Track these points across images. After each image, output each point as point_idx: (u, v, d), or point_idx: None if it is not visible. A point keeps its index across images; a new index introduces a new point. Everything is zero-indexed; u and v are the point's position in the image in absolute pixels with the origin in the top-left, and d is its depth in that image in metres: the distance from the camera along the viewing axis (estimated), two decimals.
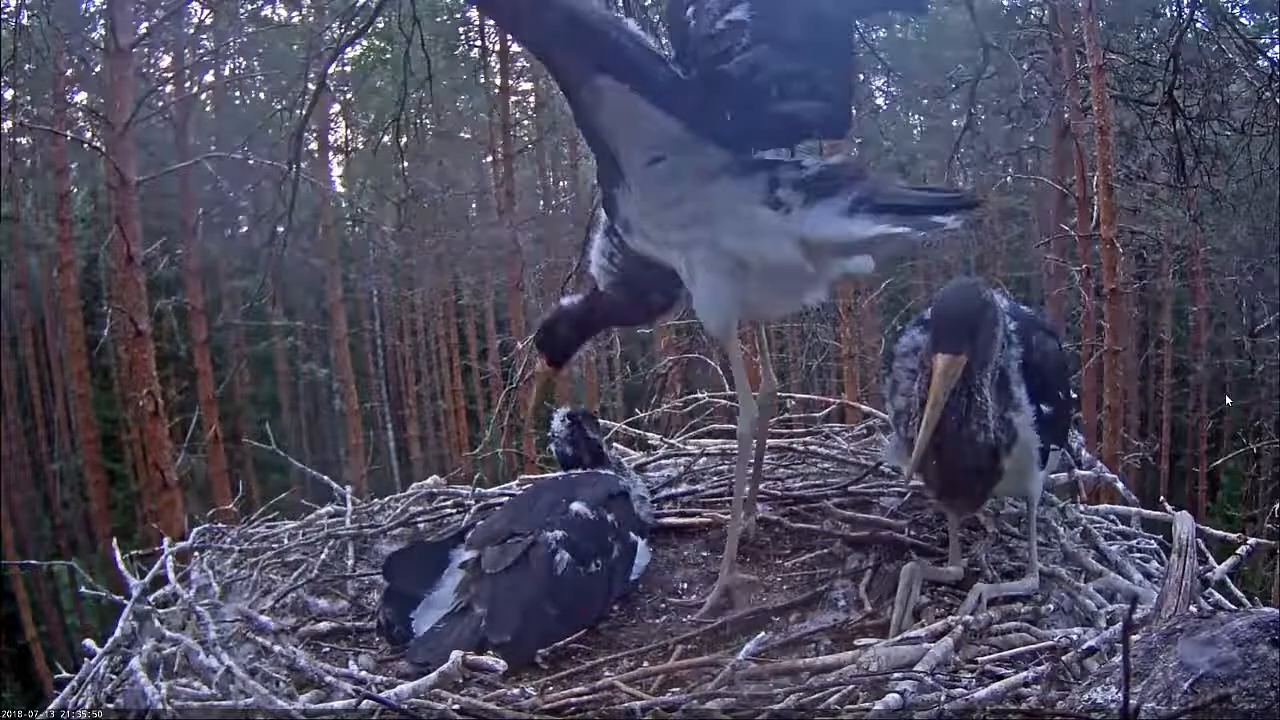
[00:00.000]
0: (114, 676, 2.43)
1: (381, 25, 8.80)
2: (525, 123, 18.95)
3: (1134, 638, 1.72)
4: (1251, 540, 2.59)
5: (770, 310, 2.71)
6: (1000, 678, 1.93)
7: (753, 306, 2.54)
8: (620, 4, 5.49)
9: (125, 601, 2.72)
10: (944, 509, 2.58)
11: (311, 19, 13.68)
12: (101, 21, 11.81)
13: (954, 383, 2.14)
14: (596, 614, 2.51)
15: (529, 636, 2.33)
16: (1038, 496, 2.49)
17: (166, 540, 3.02)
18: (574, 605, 2.44)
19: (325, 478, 3.61)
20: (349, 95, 17.27)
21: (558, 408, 3.23)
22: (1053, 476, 2.88)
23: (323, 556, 2.98)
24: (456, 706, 1.99)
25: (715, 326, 2.53)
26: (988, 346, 2.19)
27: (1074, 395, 2.67)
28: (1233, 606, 2.39)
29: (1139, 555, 2.80)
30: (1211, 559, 2.57)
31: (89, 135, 13.64)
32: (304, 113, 6.15)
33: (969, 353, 2.14)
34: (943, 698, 1.85)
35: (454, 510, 3.35)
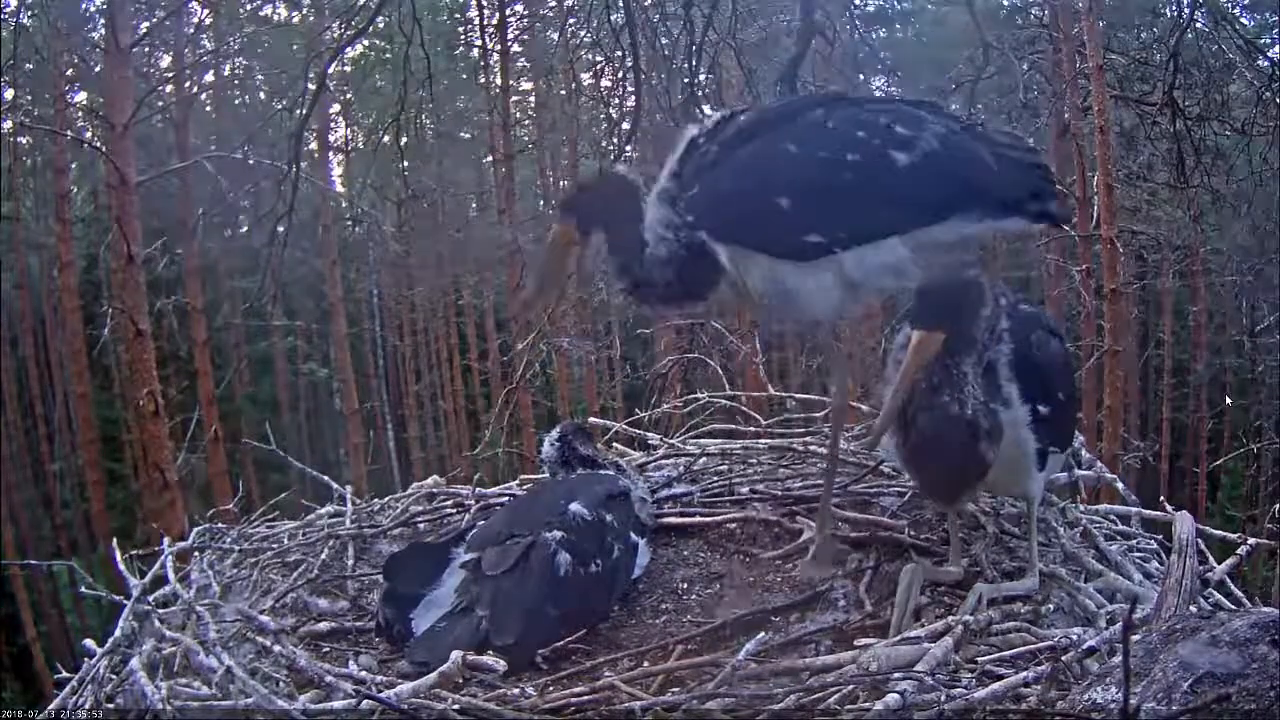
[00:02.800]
0: (114, 676, 2.43)
1: (381, 25, 8.80)
2: (525, 123, 18.95)
3: (1134, 638, 1.72)
4: (1251, 540, 2.60)
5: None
6: (1000, 678, 1.93)
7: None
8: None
9: (125, 601, 2.71)
10: (932, 502, 2.55)
11: (311, 19, 13.69)
12: (101, 21, 11.80)
13: (928, 358, 2.13)
14: (598, 615, 2.51)
15: (531, 639, 2.33)
16: (1038, 498, 2.49)
17: (166, 540, 3.01)
18: (576, 606, 2.44)
19: (325, 478, 3.60)
20: (349, 95, 17.27)
21: (557, 425, 3.15)
22: (1053, 476, 2.87)
23: (323, 556, 2.98)
24: (456, 706, 1.99)
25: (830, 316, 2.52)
26: (970, 328, 2.16)
27: (1078, 397, 2.66)
28: (1233, 606, 2.40)
29: (1139, 555, 2.80)
30: (1211, 559, 2.57)
31: (89, 135, 13.64)
32: (304, 113, 6.14)
33: (947, 330, 2.13)
34: (943, 698, 1.85)
35: (454, 510, 3.35)
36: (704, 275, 2.52)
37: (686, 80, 5.92)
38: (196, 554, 3.03)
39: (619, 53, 6.19)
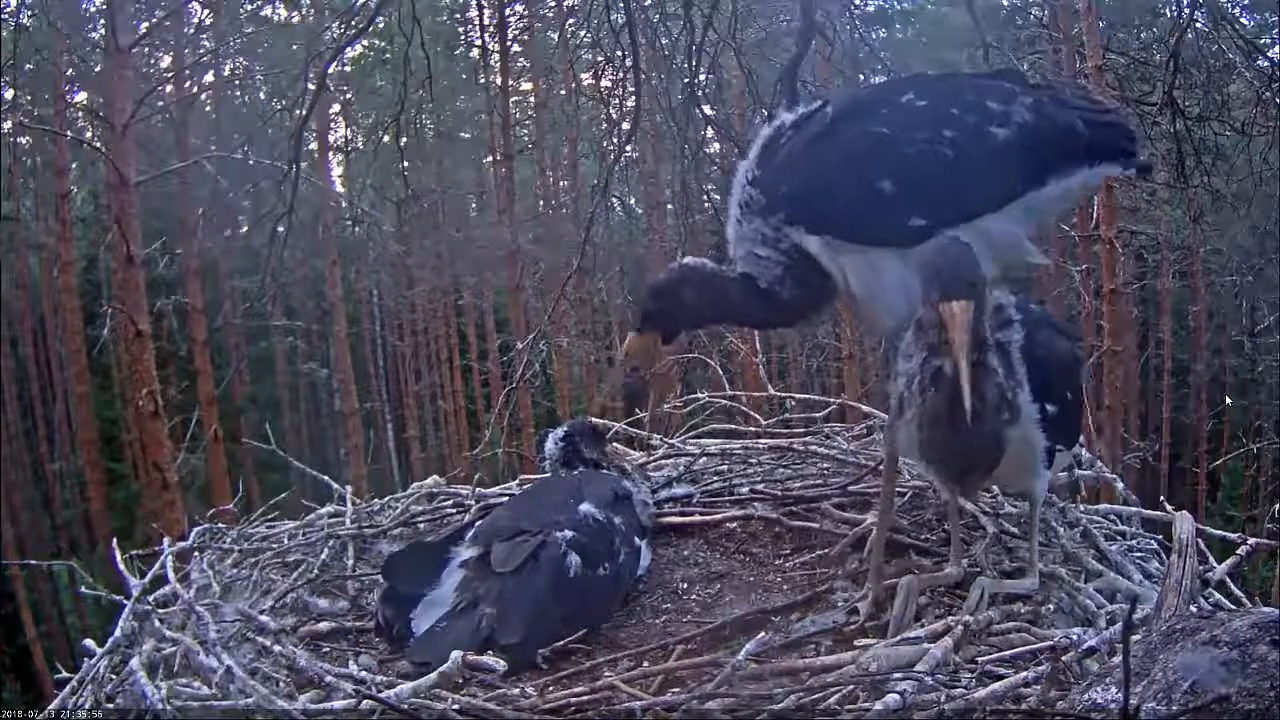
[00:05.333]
0: (114, 676, 2.42)
1: (381, 25, 8.80)
2: (525, 123, 18.96)
3: (1134, 638, 1.72)
4: (1251, 540, 2.59)
5: None
6: (1000, 678, 1.92)
7: None
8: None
9: (125, 601, 2.71)
10: (942, 481, 2.49)
11: (311, 19, 13.69)
12: (101, 21, 11.82)
13: (969, 328, 2.08)
14: (602, 617, 2.51)
15: (536, 639, 2.32)
16: (1041, 497, 2.47)
17: (166, 540, 3.01)
18: (582, 608, 2.44)
19: (325, 478, 3.60)
20: (349, 95, 17.28)
21: (567, 420, 3.12)
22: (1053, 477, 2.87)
23: (323, 556, 2.97)
24: (456, 706, 1.99)
25: (896, 322, 2.41)
26: (984, 294, 2.14)
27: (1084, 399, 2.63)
28: (1233, 606, 2.39)
29: (1139, 555, 2.80)
30: (1211, 559, 2.56)
31: (89, 135, 13.66)
32: (304, 113, 6.14)
33: (972, 297, 2.09)
34: (943, 698, 1.85)
35: (454, 510, 3.35)
36: (821, 275, 2.45)
37: (686, 80, 5.92)
38: (196, 554, 3.02)
39: (619, 53, 6.19)
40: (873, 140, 2.37)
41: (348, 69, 15.75)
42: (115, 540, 3.16)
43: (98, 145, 11.41)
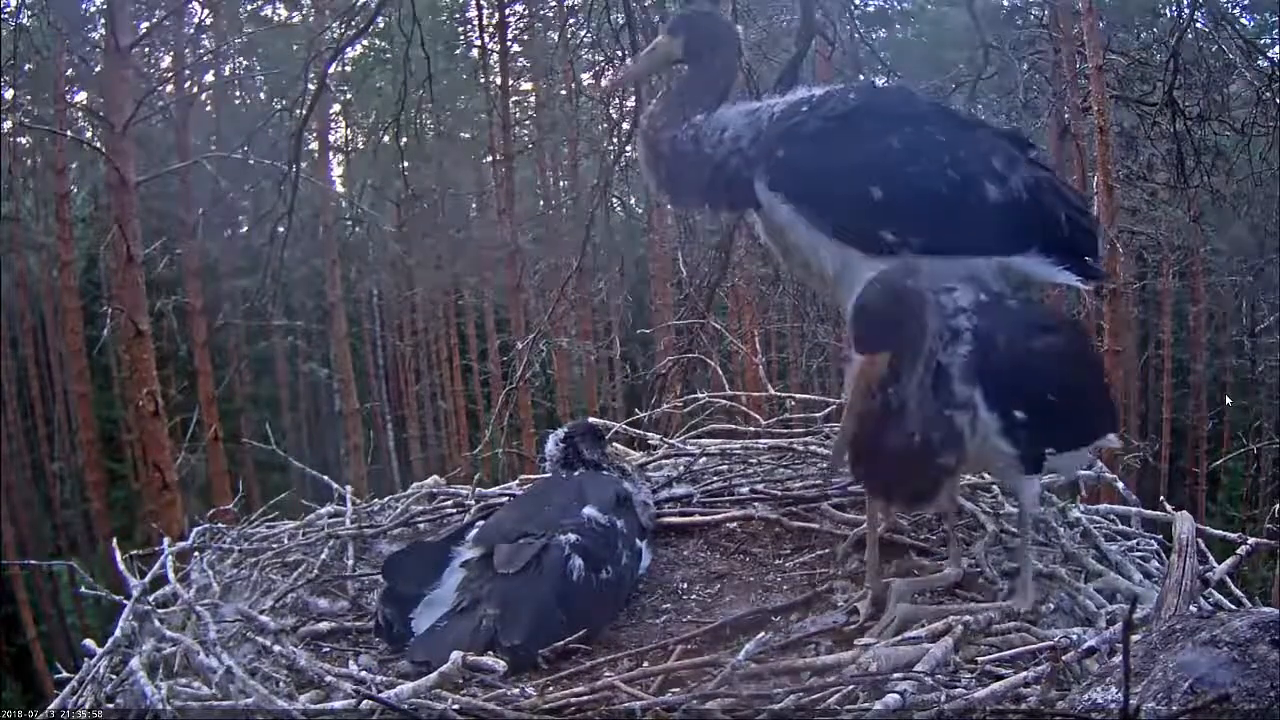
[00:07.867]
0: (114, 676, 2.42)
1: (382, 25, 8.81)
2: (525, 123, 18.96)
3: (1134, 638, 1.72)
4: (1251, 540, 2.59)
5: None
6: (1000, 678, 1.93)
7: None
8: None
9: (125, 601, 2.71)
10: (886, 506, 2.48)
11: (311, 19, 13.69)
12: (101, 21, 11.80)
13: (873, 384, 2.05)
14: (604, 620, 2.51)
15: (538, 641, 2.32)
16: (1029, 502, 2.40)
17: (166, 540, 3.01)
18: (585, 612, 2.44)
19: (325, 478, 3.60)
20: (349, 95, 17.28)
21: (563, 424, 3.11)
22: (1051, 477, 2.86)
23: (323, 556, 2.98)
24: (456, 706, 1.99)
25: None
26: (914, 343, 2.07)
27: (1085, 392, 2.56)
28: (1233, 606, 2.39)
29: (1139, 555, 2.80)
30: (1211, 559, 2.56)
31: (89, 135, 13.66)
32: (304, 113, 6.15)
33: (891, 349, 2.04)
34: (943, 698, 1.85)
35: (454, 510, 3.35)
36: (716, 196, 2.56)
37: None
38: (196, 554, 3.02)
39: (619, 53, 6.20)
40: (882, 148, 2.43)
41: (348, 69, 15.76)
42: (115, 540, 3.16)
43: (98, 145, 11.40)
